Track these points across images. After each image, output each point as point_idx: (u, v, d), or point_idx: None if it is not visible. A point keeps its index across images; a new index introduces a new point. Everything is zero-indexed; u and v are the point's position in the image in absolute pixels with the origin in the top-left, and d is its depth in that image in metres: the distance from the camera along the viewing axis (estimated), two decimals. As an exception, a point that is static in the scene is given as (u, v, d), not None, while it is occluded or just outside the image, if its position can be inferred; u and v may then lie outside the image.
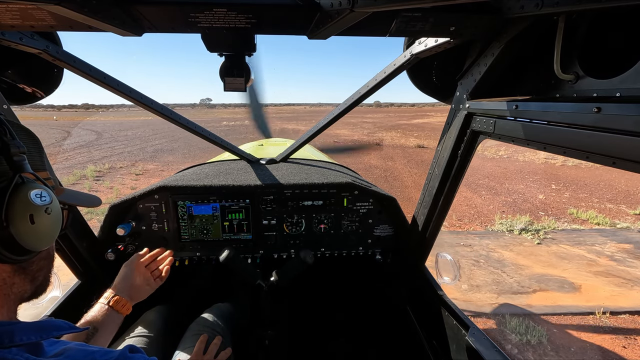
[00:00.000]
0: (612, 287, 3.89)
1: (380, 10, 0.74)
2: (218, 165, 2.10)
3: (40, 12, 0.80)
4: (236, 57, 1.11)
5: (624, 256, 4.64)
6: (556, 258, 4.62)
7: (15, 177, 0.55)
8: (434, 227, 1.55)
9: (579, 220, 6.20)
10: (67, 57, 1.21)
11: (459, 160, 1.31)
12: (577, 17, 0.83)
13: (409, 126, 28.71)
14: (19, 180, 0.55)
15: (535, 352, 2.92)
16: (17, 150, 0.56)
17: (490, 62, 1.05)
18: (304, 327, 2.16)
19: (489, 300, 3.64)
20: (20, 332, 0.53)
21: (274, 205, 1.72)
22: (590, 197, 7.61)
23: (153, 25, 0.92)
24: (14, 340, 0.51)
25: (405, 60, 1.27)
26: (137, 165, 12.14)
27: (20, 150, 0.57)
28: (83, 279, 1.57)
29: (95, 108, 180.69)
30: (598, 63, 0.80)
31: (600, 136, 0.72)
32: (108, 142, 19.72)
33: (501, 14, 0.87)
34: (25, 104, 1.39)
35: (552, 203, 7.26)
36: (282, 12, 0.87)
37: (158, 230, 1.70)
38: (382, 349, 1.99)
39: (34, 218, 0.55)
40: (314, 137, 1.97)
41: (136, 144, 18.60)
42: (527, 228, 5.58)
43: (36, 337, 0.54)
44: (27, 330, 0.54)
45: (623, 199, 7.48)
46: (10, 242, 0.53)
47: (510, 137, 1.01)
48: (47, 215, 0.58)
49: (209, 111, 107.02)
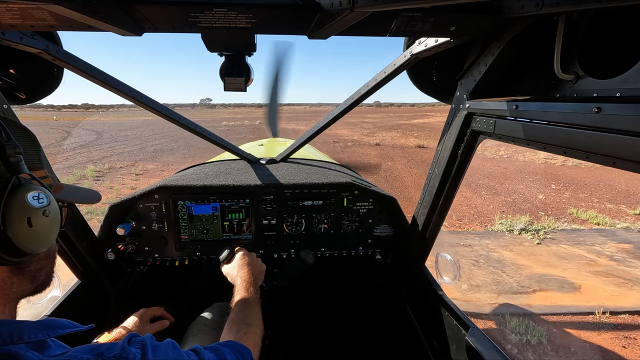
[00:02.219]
0: (611, 287, 3.89)
1: (380, 10, 0.74)
2: (218, 165, 2.10)
3: (40, 11, 0.80)
4: (236, 57, 1.11)
5: (623, 256, 4.64)
6: (556, 258, 4.62)
7: (12, 179, 0.54)
8: (434, 227, 1.55)
9: (579, 220, 6.20)
10: (67, 57, 1.21)
11: (459, 160, 1.31)
12: (577, 17, 0.83)
13: (409, 126, 28.71)
14: (15, 182, 0.54)
15: (535, 352, 2.93)
16: (14, 151, 0.55)
17: (490, 62, 1.05)
18: (304, 327, 2.16)
19: (488, 300, 3.64)
20: (28, 330, 0.53)
21: (274, 205, 1.72)
22: (590, 197, 7.61)
23: (153, 25, 0.92)
24: (22, 337, 0.51)
25: (405, 60, 1.27)
26: (137, 165, 12.13)
27: (16, 151, 0.56)
28: (83, 278, 1.57)
29: (95, 108, 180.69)
30: (598, 63, 0.80)
31: (600, 136, 0.72)
32: (108, 142, 19.71)
33: (501, 14, 0.87)
34: (25, 104, 1.39)
35: (552, 203, 7.26)
36: (282, 12, 0.86)
37: (158, 230, 1.70)
38: (382, 349, 1.99)
39: (31, 221, 0.55)
40: (314, 137, 1.97)
41: (136, 144, 18.59)
42: (527, 228, 5.58)
43: (43, 335, 0.55)
44: (34, 328, 0.54)
45: (623, 199, 7.48)
46: (8, 245, 0.52)
47: (510, 137, 1.01)
48: (45, 217, 0.57)
49: (209, 111, 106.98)
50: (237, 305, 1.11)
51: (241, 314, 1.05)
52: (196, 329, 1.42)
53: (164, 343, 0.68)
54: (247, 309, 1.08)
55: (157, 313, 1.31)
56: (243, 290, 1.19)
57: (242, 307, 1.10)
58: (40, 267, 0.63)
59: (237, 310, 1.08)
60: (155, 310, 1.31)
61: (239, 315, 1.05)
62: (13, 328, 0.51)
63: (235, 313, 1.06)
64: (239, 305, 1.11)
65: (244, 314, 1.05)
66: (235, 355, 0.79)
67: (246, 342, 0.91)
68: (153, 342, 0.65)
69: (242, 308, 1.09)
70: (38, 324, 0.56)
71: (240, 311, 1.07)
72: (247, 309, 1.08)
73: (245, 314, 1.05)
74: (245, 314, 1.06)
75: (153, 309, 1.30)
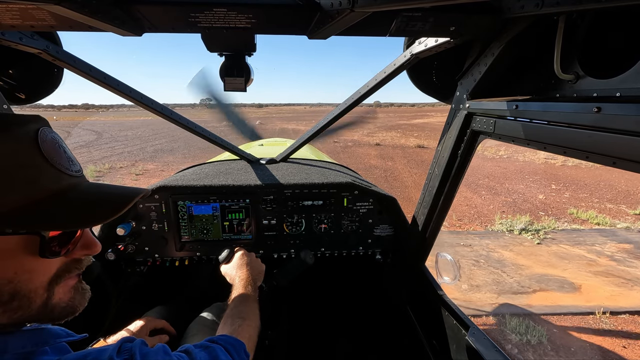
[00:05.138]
0: (612, 287, 3.89)
1: (380, 10, 0.74)
2: (218, 165, 2.10)
3: (40, 12, 0.80)
4: (236, 57, 1.11)
5: (624, 256, 4.64)
6: (556, 258, 4.61)
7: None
8: (434, 227, 1.55)
9: (579, 220, 6.20)
10: (67, 57, 1.20)
11: (459, 160, 1.30)
12: (577, 17, 0.82)
13: (409, 126, 28.70)
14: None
15: (535, 352, 2.92)
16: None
17: (490, 62, 1.05)
18: (304, 327, 2.16)
19: (489, 300, 3.64)
20: (14, 341, 0.51)
21: (274, 205, 1.72)
22: (590, 197, 7.61)
23: (153, 25, 0.92)
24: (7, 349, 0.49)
25: (405, 60, 1.26)
26: (137, 165, 12.13)
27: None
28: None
29: (95, 108, 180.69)
30: (598, 63, 0.80)
31: (600, 136, 0.72)
32: (108, 142, 19.71)
33: (501, 14, 0.87)
34: (25, 104, 1.39)
35: (552, 203, 7.26)
36: (282, 12, 0.86)
37: (158, 230, 1.70)
38: (382, 349, 1.99)
39: None
40: (314, 137, 1.97)
41: (136, 144, 18.59)
42: (527, 228, 5.58)
43: (31, 346, 0.53)
44: (22, 339, 0.52)
45: (623, 199, 7.48)
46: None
47: (511, 137, 1.01)
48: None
49: (209, 111, 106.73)
50: (234, 301, 1.12)
51: (236, 309, 1.06)
52: (195, 329, 1.41)
53: (154, 349, 0.66)
54: (243, 304, 1.09)
55: (159, 325, 1.28)
56: (241, 288, 1.19)
57: (238, 302, 1.10)
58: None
59: (232, 305, 1.08)
60: (158, 322, 1.28)
61: (234, 310, 1.05)
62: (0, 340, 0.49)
63: (231, 308, 1.06)
64: (235, 301, 1.11)
65: (240, 308, 1.06)
66: (227, 351, 0.78)
67: (240, 335, 0.90)
68: (143, 349, 0.63)
69: (238, 303, 1.09)
70: (28, 333, 0.54)
71: (236, 306, 1.08)
72: (242, 304, 1.09)
73: (240, 309, 1.06)
74: (241, 308, 1.06)
75: (156, 321, 1.27)
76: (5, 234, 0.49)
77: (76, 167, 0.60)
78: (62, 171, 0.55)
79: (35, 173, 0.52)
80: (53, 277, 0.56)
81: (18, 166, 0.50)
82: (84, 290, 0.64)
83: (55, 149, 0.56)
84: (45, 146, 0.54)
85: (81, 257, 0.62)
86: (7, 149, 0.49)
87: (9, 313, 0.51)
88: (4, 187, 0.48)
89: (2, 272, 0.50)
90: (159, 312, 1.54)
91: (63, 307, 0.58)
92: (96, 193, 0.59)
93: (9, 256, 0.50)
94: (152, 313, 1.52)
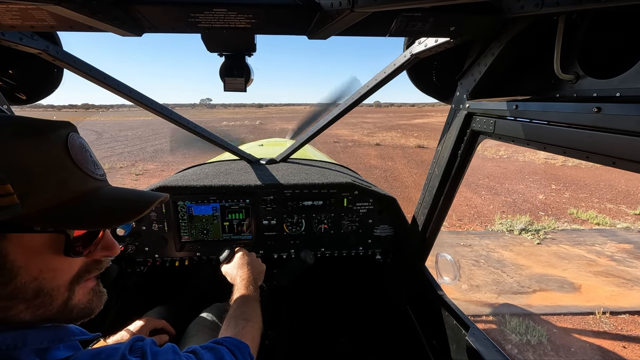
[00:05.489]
0: (612, 287, 3.89)
1: (380, 10, 0.74)
2: (218, 165, 2.10)
3: (40, 12, 0.80)
4: (236, 57, 1.11)
5: (624, 256, 4.64)
6: (556, 258, 4.62)
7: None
8: (434, 227, 1.55)
9: (579, 221, 6.20)
10: (67, 57, 1.21)
11: (459, 160, 1.30)
12: (577, 17, 0.83)
13: (409, 126, 28.71)
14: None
15: (535, 352, 2.93)
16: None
17: (490, 62, 1.05)
18: (304, 327, 2.16)
19: (489, 300, 3.64)
20: (33, 336, 0.52)
21: (274, 205, 1.72)
22: (590, 197, 7.61)
23: (153, 25, 0.92)
24: (26, 343, 0.51)
25: (405, 60, 1.26)
26: (137, 165, 12.13)
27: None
28: None
29: (95, 108, 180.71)
30: (598, 63, 0.80)
31: (600, 136, 0.72)
32: (108, 142, 19.71)
33: (501, 14, 0.87)
34: (25, 104, 1.39)
35: (552, 203, 7.26)
36: (282, 12, 0.86)
37: (158, 230, 1.69)
38: (382, 349, 1.99)
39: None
40: (314, 137, 1.97)
41: (136, 144, 18.59)
42: (527, 228, 5.58)
43: (48, 343, 0.54)
44: (40, 334, 0.54)
45: (623, 199, 7.48)
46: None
47: (510, 137, 1.01)
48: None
49: (209, 111, 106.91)
50: (236, 302, 1.11)
51: (239, 310, 1.05)
52: (195, 329, 1.42)
53: (164, 348, 0.68)
54: (246, 305, 1.08)
55: (159, 325, 1.29)
56: (242, 288, 1.19)
57: (241, 303, 1.10)
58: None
59: (235, 306, 1.08)
60: (157, 322, 1.29)
61: (237, 311, 1.05)
62: (17, 334, 0.51)
63: (234, 309, 1.06)
64: (237, 302, 1.11)
65: (243, 309, 1.06)
66: (232, 353, 0.79)
67: (244, 337, 0.90)
68: (153, 348, 0.65)
69: (241, 304, 1.09)
70: (45, 330, 0.55)
71: (239, 307, 1.07)
72: (245, 305, 1.08)
73: (243, 310, 1.05)
74: (244, 309, 1.06)
75: (156, 321, 1.28)
76: (34, 231, 0.51)
77: (100, 172, 0.62)
78: (88, 174, 0.58)
79: (66, 175, 0.54)
80: (74, 276, 0.58)
81: (51, 169, 0.52)
82: (102, 293, 0.66)
83: (82, 153, 0.58)
84: (74, 150, 0.56)
85: (101, 258, 0.64)
86: (43, 153, 0.52)
87: (32, 309, 0.53)
88: (37, 187, 0.50)
89: (28, 270, 0.51)
90: (159, 312, 1.54)
91: (81, 309, 0.60)
92: (118, 196, 0.62)
93: (36, 254, 0.52)
94: (152, 313, 1.52)
